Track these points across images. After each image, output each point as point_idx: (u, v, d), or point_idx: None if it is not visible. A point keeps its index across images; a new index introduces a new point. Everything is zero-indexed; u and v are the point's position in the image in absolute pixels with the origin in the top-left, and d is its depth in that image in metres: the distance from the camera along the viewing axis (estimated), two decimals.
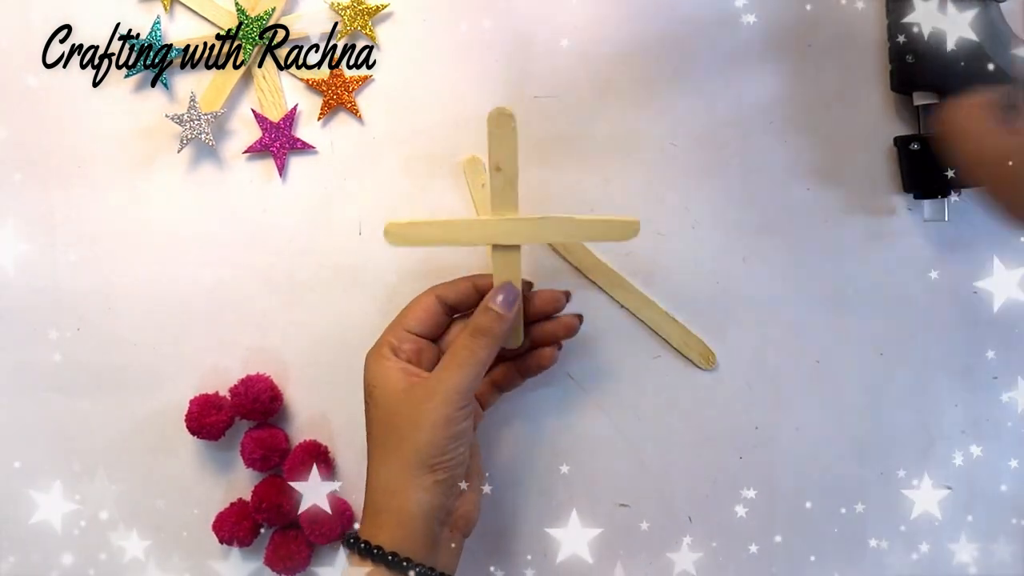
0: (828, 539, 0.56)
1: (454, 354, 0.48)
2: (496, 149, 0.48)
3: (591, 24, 0.55)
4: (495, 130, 0.48)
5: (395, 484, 0.46)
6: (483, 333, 0.48)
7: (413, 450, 0.46)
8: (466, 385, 0.47)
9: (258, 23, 0.55)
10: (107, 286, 0.57)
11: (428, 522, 0.46)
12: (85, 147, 0.57)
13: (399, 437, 0.46)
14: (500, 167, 0.48)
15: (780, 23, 0.55)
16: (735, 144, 0.56)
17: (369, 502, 0.47)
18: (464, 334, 0.48)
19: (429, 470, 0.46)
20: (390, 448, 0.47)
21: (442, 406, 0.46)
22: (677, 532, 0.57)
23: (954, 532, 0.56)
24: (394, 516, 0.46)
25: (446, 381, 0.47)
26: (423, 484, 0.46)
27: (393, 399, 0.47)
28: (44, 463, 0.58)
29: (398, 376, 0.48)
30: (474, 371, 0.47)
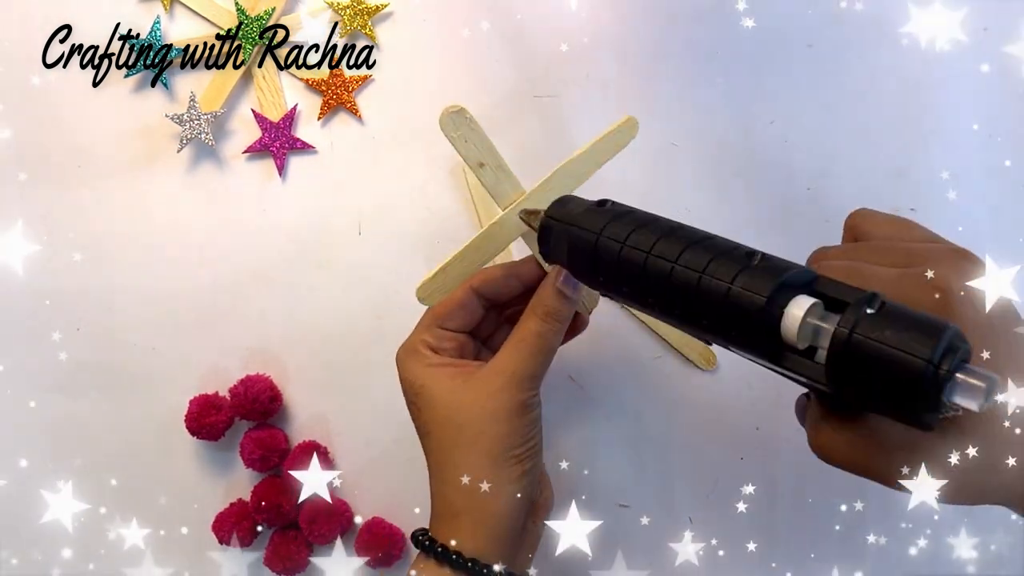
0: (828, 536, 0.56)
1: (523, 339, 0.45)
2: (467, 150, 0.46)
3: (591, 24, 0.55)
4: (455, 133, 0.45)
5: (477, 483, 0.43)
6: (554, 316, 0.45)
7: (494, 442, 0.43)
8: (539, 371, 0.45)
9: (258, 23, 0.55)
10: (107, 286, 0.57)
11: (517, 518, 0.44)
12: (85, 147, 0.57)
13: (474, 431, 0.44)
14: (483, 163, 0.46)
15: (780, 24, 0.55)
16: (735, 144, 0.56)
17: (443, 504, 0.45)
18: (532, 318, 0.45)
19: (515, 460, 0.44)
20: (464, 445, 0.44)
21: (518, 393, 0.44)
22: (677, 531, 0.56)
23: (953, 528, 0.56)
24: (477, 516, 0.43)
25: (518, 368, 0.44)
26: (510, 476, 0.44)
27: (454, 395, 0.45)
28: (44, 463, 0.58)
29: (449, 371, 0.46)
30: (546, 356, 0.45)
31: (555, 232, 0.42)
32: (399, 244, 0.56)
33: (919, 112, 0.56)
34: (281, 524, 0.56)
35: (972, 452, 0.34)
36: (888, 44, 0.55)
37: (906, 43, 0.55)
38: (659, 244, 0.37)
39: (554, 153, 0.56)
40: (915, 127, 0.56)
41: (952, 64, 0.55)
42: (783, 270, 0.34)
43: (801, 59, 0.55)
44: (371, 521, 0.56)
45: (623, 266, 0.38)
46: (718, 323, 0.35)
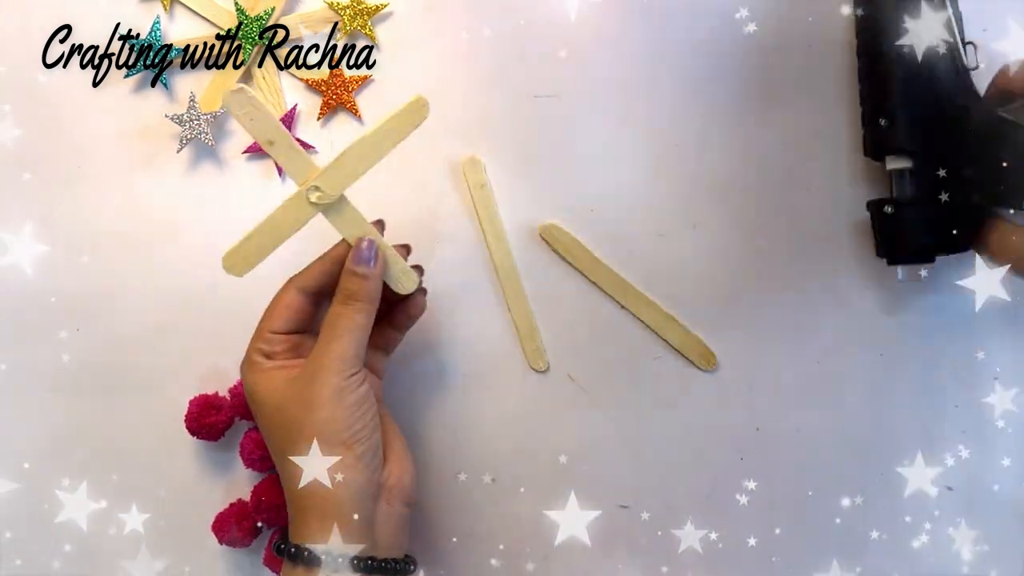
0: (828, 531, 0.56)
1: (330, 325, 0.46)
2: (255, 128, 0.46)
3: (592, 24, 0.55)
4: (240, 111, 0.45)
5: (312, 473, 0.44)
6: (353, 297, 0.46)
7: (317, 431, 0.44)
8: (350, 352, 0.45)
9: (258, 23, 0.55)
10: (107, 286, 0.57)
11: (360, 503, 0.44)
12: (85, 147, 0.57)
13: (299, 425, 0.44)
14: (271, 140, 0.46)
15: (780, 27, 0.55)
16: (735, 145, 0.56)
17: (291, 504, 0.45)
18: (335, 303, 0.46)
19: (343, 446, 0.44)
20: (292, 440, 0.44)
21: (331, 378, 0.44)
22: (677, 532, 0.56)
23: (954, 525, 0.56)
24: (320, 510, 0.43)
25: (327, 354, 0.45)
26: (344, 463, 0.44)
27: (277, 393, 0.45)
28: (44, 463, 0.58)
29: (276, 375, 0.46)
30: (354, 336, 0.45)
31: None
32: (399, 244, 0.56)
33: None
34: (281, 524, 0.56)
35: None
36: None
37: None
38: None
39: (554, 153, 0.56)
40: None
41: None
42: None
43: (801, 58, 0.55)
44: None
45: None
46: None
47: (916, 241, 0.50)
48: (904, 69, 0.49)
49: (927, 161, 0.49)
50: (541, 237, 0.56)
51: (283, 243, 0.48)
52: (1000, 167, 0.47)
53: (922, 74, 0.49)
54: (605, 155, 0.56)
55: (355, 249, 0.47)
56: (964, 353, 0.56)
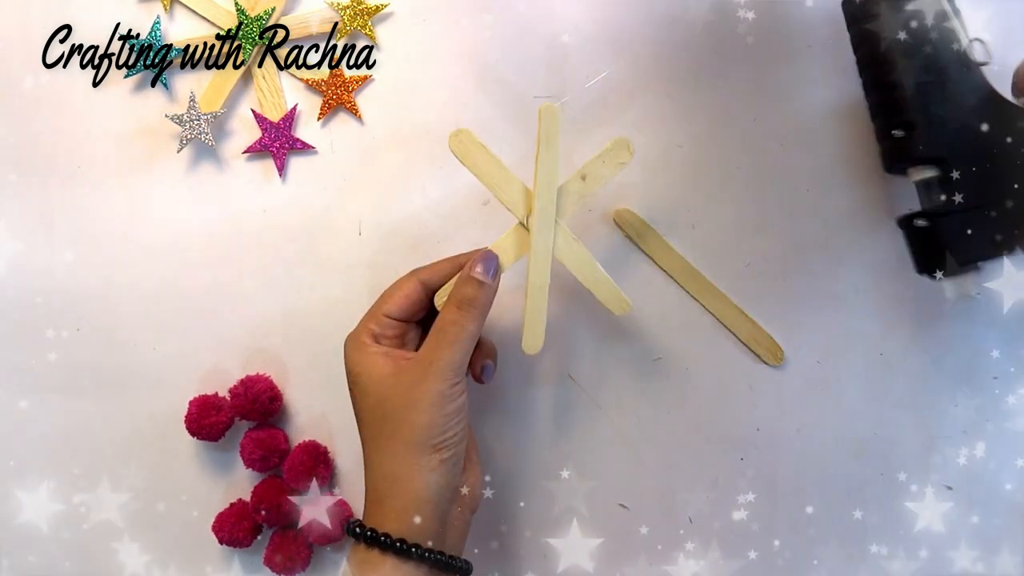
0: (828, 544, 0.56)
1: (441, 330, 0.46)
2: (596, 166, 0.49)
3: (591, 24, 0.55)
4: (611, 154, 0.49)
5: (399, 470, 0.45)
6: (469, 304, 0.47)
7: (413, 432, 0.45)
8: (457, 360, 0.46)
9: (258, 23, 0.55)
10: (107, 286, 0.57)
11: (438, 504, 0.45)
12: (85, 147, 0.57)
13: (396, 421, 0.45)
14: (585, 177, 0.49)
15: (779, 23, 0.55)
16: (735, 144, 0.56)
17: (372, 491, 0.46)
18: (449, 308, 0.47)
19: (433, 450, 0.45)
20: (388, 434, 0.46)
21: (436, 383, 0.45)
22: (677, 534, 0.56)
23: (955, 534, 0.56)
24: (400, 502, 0.45)
25: (437, 359, 0.46)
26: (429, 465, 0.45)
27: (383, 384, 0.46)
28: (45, 463, 0.58)
29: (383, 361, 0.47)
30: (463, 345, 0.46)
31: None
32: (399, 244, 0.56)
33: None
34: (281, 524, 0.56)
35: None
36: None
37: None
38: None
39: None
40: None
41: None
42: None
43: (801, 59, 0.55)
44: None
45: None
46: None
47: (957, 252, 0.47)
48: (912, 74, 0.47)
49: (952, 166, 0.47)
50: (614, 221, 0.56)
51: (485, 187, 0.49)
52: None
53: (931, 77, 0.47)
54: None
55: (479, 258, 0.48)
56: (964, 353, 0.56)
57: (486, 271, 0.48)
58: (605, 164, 0.49)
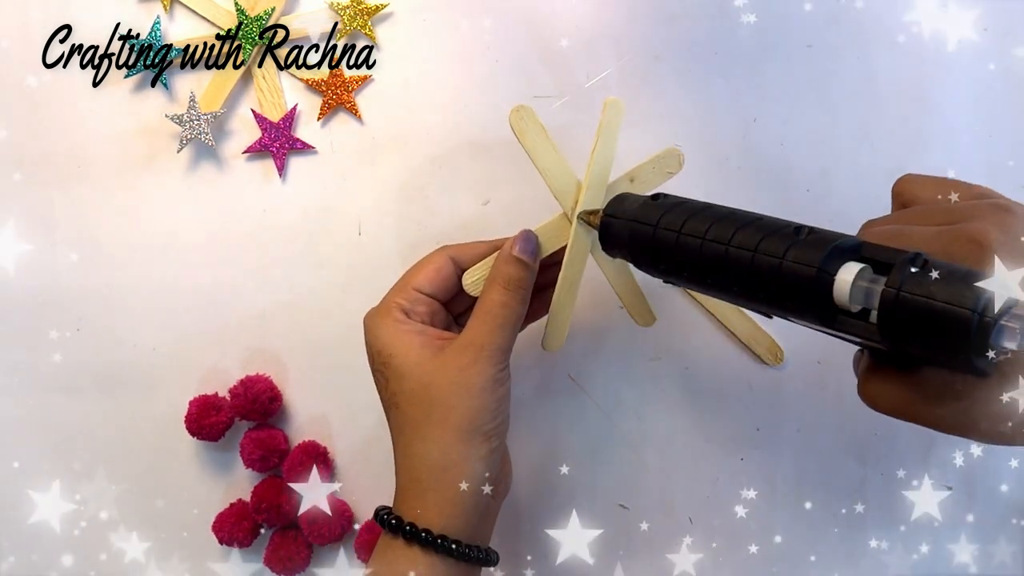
0: (828, 539, 0.56)
1: (488, 311, 0.44)
2: (646, 170, 0.48)
3: (591, 24, 0.55)
4: (662, 161, 0.48)
5: (447, 458, 0.42)
6: (517, 284, 0.45)
7: (465, 419, 0.42)
8: (507, 343, 0.44)
9: (258, 23, 0.55)
10: (107, 286, 0.57)
11: (481, 495, 0.43)
12: (85, 147, 0.57)
13: (445, 407, 0.43)
14: (633, 180, 0.48)
15: (779, 24, 0.55)
16: (735, 144, 0.56)
17: (413, 481, 0.43)
18: (494, 288, 0.44)
19: (484, 438, 0.43)
20: (436, 421, 0.43)
21: (489, 367, 0.43)
22: (677, 533, 0.56)
23: (954, 532, 0.56)
24: (445, 494, 0.42)
25: (488, 342, 0.43)
26: (479, 454, 0.43)
27: (425, 368, 0.43)
28: (44, 463, 0.58)
29: (420, 340, 0.44)
30: (512, 328, 0.44)
31: (615, 228, 0.43)
32: (399, 244, 0.56)
33: (919, 112, 0.56)
34: (281, 524, 0.56)
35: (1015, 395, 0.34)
36: (888, 44, 0.55)
37: (904, 40, 0.55)
38: (712, 229, 0.39)
39: None
40: (915, 127, 0.56)
41: (952, 64, 0.55)
42: (830, 240, 0.35)
43: (801, 59, 0.55)
44: (371, 521, 0.56)
45: (681, 252, 0.40)
46: (774, 296, 0.36)
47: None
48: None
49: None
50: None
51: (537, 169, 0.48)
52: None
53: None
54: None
55: (519, 238, 0.46)
56: None
57: (527, 251, 0.45)
58: (654, 170, 0.48)
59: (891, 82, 0.55)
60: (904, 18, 0.55)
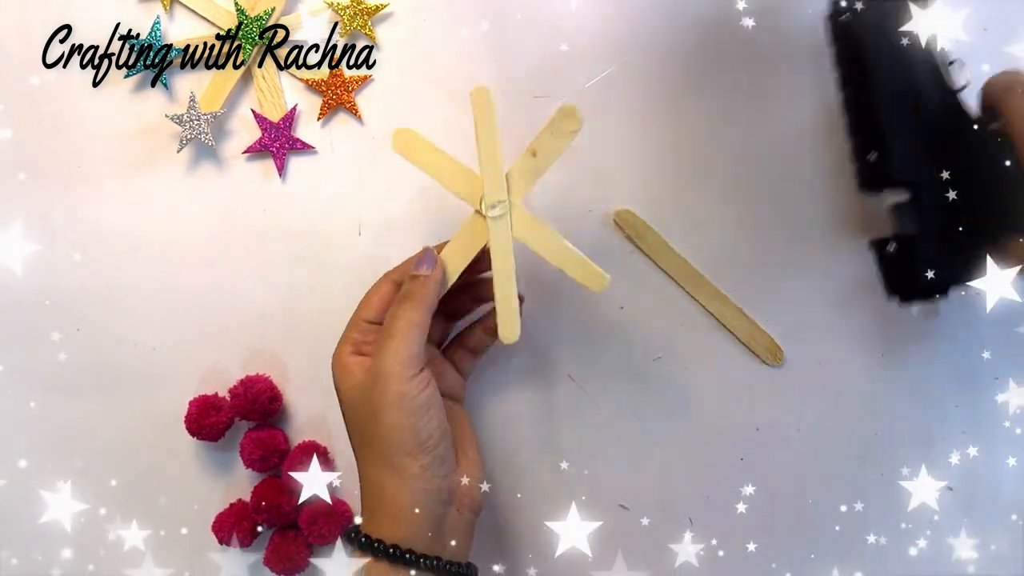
0: (827, 536, 0.56)
1: (386, 329, 0.46)
2: (545, 139, 0.47)
3: (591, 24, 0.55)
4: (559, 124, 0.47)
5: (381, 478, 0.45)
6: (406, 298, 0.47)
7: (382, 440, 0.44)
8: (405, 352, 0.45)
9: (258, 23, 0.55)
10: (107, 286, 0.57)
11: (428, 509, 0.45)
12: (85, 147, 0.57)
13: (368, 433, 0.45)
14: (535, 153, 0.48)
15: (780, 24, 0.55)
16: (735, 144, 0.56)
17: (365, 500, 0.47)
18: (393, 306, 0.47)
19: (408, 456, 0.44)
20: (364, 444, 0.46)
21: (391, 383, 0.44)
22: (677, 532, 0.56)
23: (954, 529, 0.56)
24: (390, 509, 0.45)
25: (386, 356, 0.45)
26: (409, 473, 0.44)
27: (352, 395, 0.47)
28: (44, 463, 0.58)
29: (355, 370, 0.47)
30: (409, 336, 0.45)
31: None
32: (399, 244, 0.56)
33: None
34: (281, 524, 0.56)
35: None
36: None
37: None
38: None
39: None
40: None
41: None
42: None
43: (801, 59, 0.55)
44: None
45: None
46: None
47: (926, 279, 0.46)
48: (890, 98, 0.46)
49: (926, 191, 0.46)
50: (615, 222, 0.56)
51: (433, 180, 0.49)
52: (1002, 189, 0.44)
53: (909, 101, 0.46)
54: (605, 154, 0.56)
55: (420, 259, 0.48)
56: (964, 353, 0.56)
57: (419, 265, 0.48)
58: (554, 135, 0.47)
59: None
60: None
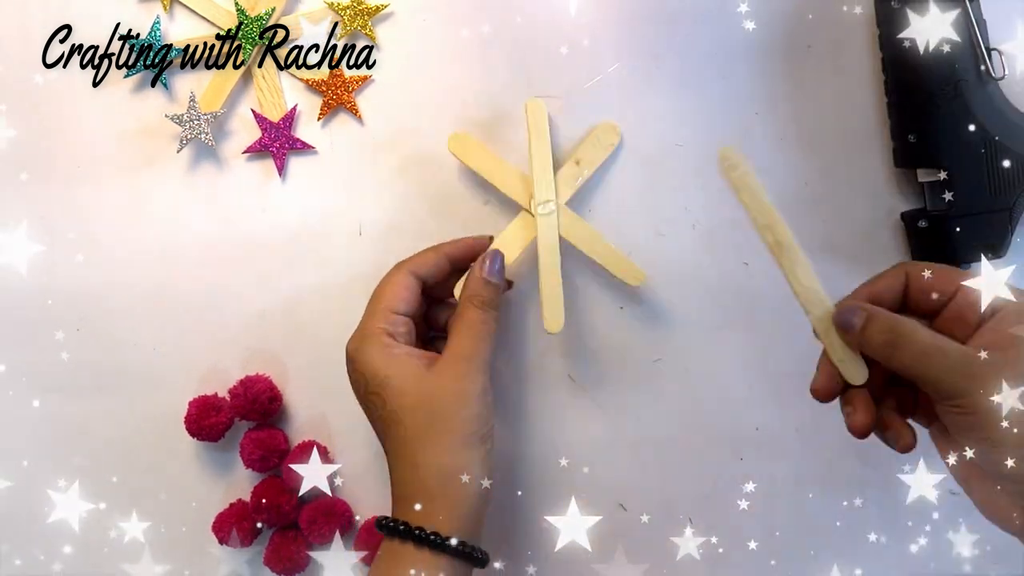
0: (828, 534, 0.56)
1: (471, 327, 0.48)
2: (588, 149, 0.54)
3: (591, 24, 0.55)
4: (601, 137, 0.54)
5: (454, 465, 0.45)
6: (490, 305, 0.49)
7: (467, 425, 0.46)
8: (490, 355, 0.48)
9: (258, 23, 0.55)
10: (107, 286, 0.57)
11: (485, 497, 0.46)
12: (85, 147, 0.57)
13: (446, 416, 0.46)
14: (579, 162, 0.54)
15: (779, 25, 0.55)
16: (735, 144, 0.56)
17: (418, 491, 0.46)
18: (471, 308, 0.49)
19: (481, 442, 0.46)
20: (438, 430, 0.46)
21: (479, 376, 0.47)
22: (676, 532, 0.56)
23: (953, 525, 0.56)
24: (452, 499, 0.45)
25: (476, 353, 0.47)
26: (479, 457, 0.46)
27: (424, 382, 0.46)
28: (44, 463, 0.58)
29: (409, 361, 0.47)
30: (492, 341, 0.49)
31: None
32: (399, 244, 0.56)
33: None
34: (281, 524, 0.56)
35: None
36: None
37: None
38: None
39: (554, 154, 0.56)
40: None
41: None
42: None
43: (801, 59, 0.55)
44: (371, 520, 0.56)
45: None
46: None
47: (952, 252, 0.51)
48: (932, 83, 0.50)
49: (959, 172, 0.50)
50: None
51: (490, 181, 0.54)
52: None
53: (950, 88, 0.50)
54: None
55: (489, 259, 0.50)
56: None
57: (494, 272, 0.50)
58: (595, 147, 0.54)
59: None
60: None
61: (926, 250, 0.53)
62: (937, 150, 0.51)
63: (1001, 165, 0.50)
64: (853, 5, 0.54)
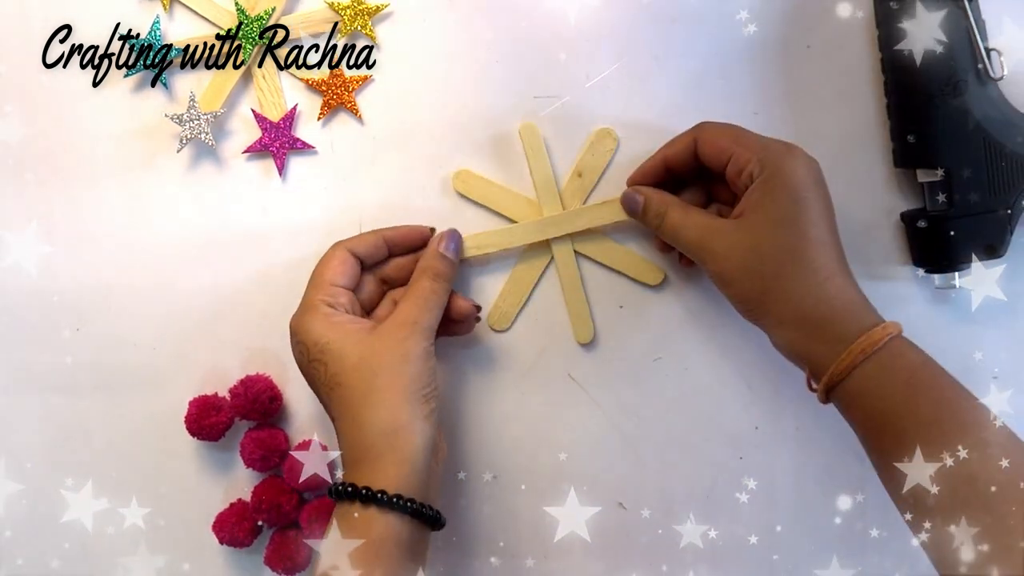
0: (828, 530, 0.56)
1: (420, 295, 0.50)
2: (588, 160, 0.55)
3: (592, 24, 0.55)
4: (597, 145, 0.54)
5: (397, 421, 0.46)
6: (442, 277, 0.51)
7: (410, 382, 0.47)
8: (434, 323, 0.50)
9: (258, 23, 0.55)
10: (107, 286, 0.57)
11: (428, 454, 0.47)
12: (85, 147, 0.57)
13: (389, 373, 0.47)
14: (581, 174, 0.54)
15: (779, 26, 0.55)
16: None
17: (362, 451, 0.46)
18: (425, 278, 0.51)
19: (424, 400, 0.47)
20: (381, 386, 0.47)
21: (422, 339, 0.48)
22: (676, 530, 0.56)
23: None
24: (398, 455, 0.46)
25: (421, 319, 0.49)
26: (423, 413, 0.47)
27: (365, 343, 0.48)
28: (45, 463, 0.58)
29: (350, 328, 0.49)
30: (439, 310, 0.51)
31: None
32: None
33: None
34: (281, 524, 0.56)
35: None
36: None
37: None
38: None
39: (554, 154, 0.56)
40: None
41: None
42: None
43: (800, 60, 0.55)
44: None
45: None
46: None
47: (951, 252, 0.52)
48: (932, 84, 0.50)
49: (957, 172, 0.51)
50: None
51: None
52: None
53: (950, 88, 0.50)
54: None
55: (447, 237, 0.53)
56: (961, 353, 0.56)
57: (451, 250, 0.52)
58: (594, 156, 0.55)
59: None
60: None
61: (926, 250, 0.54)
62: (936, 150, 0.51)
63: (1000, 165, 0.50)
64: (853, 6, 0.54)
